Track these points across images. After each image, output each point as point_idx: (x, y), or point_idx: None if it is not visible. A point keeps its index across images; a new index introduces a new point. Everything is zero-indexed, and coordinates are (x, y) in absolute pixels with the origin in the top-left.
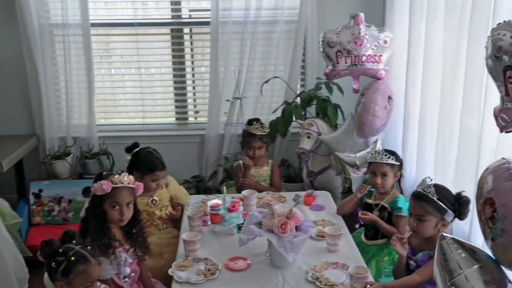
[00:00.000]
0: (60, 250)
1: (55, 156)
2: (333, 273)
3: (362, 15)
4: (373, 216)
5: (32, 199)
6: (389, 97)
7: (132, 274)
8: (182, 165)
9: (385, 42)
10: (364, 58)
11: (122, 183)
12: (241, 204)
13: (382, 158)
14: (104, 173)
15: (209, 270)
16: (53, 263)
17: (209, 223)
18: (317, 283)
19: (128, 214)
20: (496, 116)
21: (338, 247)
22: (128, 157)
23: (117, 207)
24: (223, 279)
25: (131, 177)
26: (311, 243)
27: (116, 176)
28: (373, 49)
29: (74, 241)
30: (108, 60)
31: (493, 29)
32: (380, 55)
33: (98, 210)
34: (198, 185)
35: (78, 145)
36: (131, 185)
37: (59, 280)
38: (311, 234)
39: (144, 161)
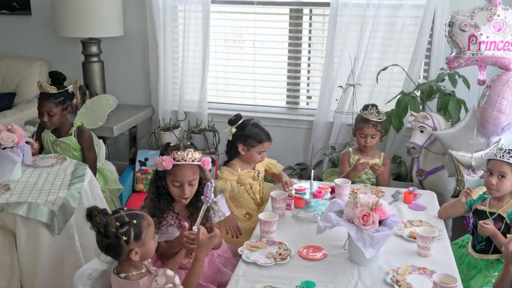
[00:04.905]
0: (118, 224)
1: (164, 128)
2: (418, 278)
3: None
4: (494, 228)
5: (138, 166)
6: None
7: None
8: (287, 151)
9: None
10: (501, 45)
11: (185, 160)
12: (328, 191)
13: (502, 156)
14: (171, 144)
15: (280, 254)
16: (124, 237)
17: (293, 207)
18: (396, 286)
19: (190, 192)
20: None
21: (430, 252)
22: (233, 129)
23: (178, 185)
24: (293, 266)
25: (196, 153)
26: (400, 243)
27: (180, 152)
28: None
29: (96, 215)
30: (225, 38)
31: None
32: None
33: (159, 184)
34: (301, 173)
35: (188, 119)
36: (196, 163)
37: (134, 247)
38: (403, 235)
39: (252, 133)
